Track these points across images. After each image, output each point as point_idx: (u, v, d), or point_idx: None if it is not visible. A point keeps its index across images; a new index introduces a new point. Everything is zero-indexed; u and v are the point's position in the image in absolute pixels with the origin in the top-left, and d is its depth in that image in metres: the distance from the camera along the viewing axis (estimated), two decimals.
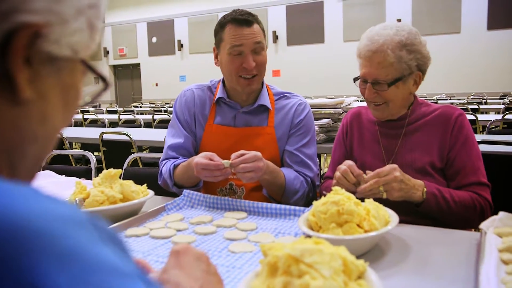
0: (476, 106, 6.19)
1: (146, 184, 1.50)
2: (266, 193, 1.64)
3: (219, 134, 1.70)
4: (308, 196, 1.70)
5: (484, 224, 1.12)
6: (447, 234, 1.22)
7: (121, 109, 9.54)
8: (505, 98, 8.67)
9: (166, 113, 6.86)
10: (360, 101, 3.63)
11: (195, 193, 1.53)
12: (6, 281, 0.29)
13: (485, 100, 8.27)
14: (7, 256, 0.30)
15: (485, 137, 3.03)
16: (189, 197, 1.52)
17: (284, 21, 14.12)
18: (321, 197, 1.13)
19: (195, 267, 0.68)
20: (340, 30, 13.31)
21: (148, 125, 5.79)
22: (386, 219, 1.11)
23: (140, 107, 10.84)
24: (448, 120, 1.48)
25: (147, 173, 2.20)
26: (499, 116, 4.73)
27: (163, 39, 16.25)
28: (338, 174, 1.33)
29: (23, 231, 0.31)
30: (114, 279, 0.33)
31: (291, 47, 14.12)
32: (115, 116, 6.81)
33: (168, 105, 10.22)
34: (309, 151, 1.71)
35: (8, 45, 0.39)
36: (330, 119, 2.85)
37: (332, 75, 12.98)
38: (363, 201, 1.12)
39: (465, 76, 11.94)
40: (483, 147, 2.29)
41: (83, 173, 2.27)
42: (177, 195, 1.61)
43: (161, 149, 1.84)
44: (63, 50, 0.44)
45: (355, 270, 0.74)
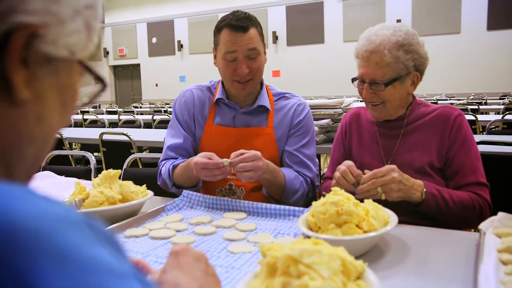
0: (476, 107, 6.19)
1: (145, 185, 1.50)
2: (266, 192, 1.64)
3: (219, 134, 1.70)
4: (308, 196, 1.70)
5: (483, 225, 1.12)
6: (446, 235, 1.22)
7: (121, 109, 9.54)
8: (505, 98, 8.68)
9: (166, 114, 6.86)
10: (359, 102, 3.62)
11: (195, 193, 1.53)
12: (2, 281, 0.29)
13: (485, 101, 8.28)
14: (3, 256, 0.30)
15: (485, 137, 3.03)
16: (188, 198, 1.52)
17: (284, 22, 14.12)
18: (320, 198, 1.13)
19: (194, 268, 0.68)
20: (340, 31, 13.32)
21: (148, 125, 5.79)
22: (385, 219, 1.11)
23: (140, 107, 10.85)
24: (446, 120, 1.48)
25: (147, 174, 2.20)
26: (499, 117, 4.74)
27: (163, 39, 16.26)
28: (337, 174, 1.33)
29: (19, 231, 0.31)
30: (110, 279, 0.33)
31: (291, 48, 14.12)
32: (115, 117, 6.81)
33: (168, 105, 10.22)
34: (309, 152, 1.71)
35: (5, 45, 0.39)
36: (329, 119, 2.85)
37: (332, 75, 12.98)
38: (362, 202, 1.12)
39: (465, 77, 11.94)
40: (483, 148, 2.29)
41: (83, 174, 2.27)
42: (176, 196, 1.61)
43: (161, 149, 1.84)
44: (60, 50, 0.44)
45: (354, 270, 0.74)
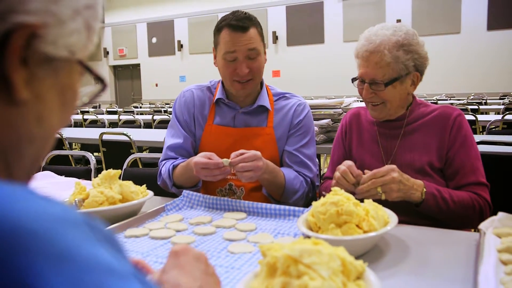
0: (476, 107, 6.19)
1: (145, 185, 1.50)
2: (266, 192, 1.64)
3: (219, 134, 1.70)
4: (308, 196, 1.70)
5: (483, 225, 1.12)
6: (446, 235, 1.22)
7: (121, 109, 9.55)
8: (505, 98, 8.68)
9: (166, 114, 6.86)
10: (359, 102, 3.62)
11: (195, 193, 1.53)
12: (2, 281, 0.29)
13: (485, 101, 8.28)
14: (3, 256, 0.30)
15: (485, 137, 3.03)
16: (188, 198, 1.52)
17: (284, 22, 14.13)
18: (320, 198, 1.13)
19: (194, 267, 0.68)
20: (340, 31, 13.32)
21: (148, 125, 5.79)
22: (385, 219, 1.11)
23: (140, 107, 10.85)
24: (446, 120, 1.48)
25: (147, 174, 2.20)
26: (499, 117, 4.74)
27: (163, 39, 16.26)
28: (337, 174, 1.33)
29: (18, 231, 0.31)
30: (110, 279, 0.33)
31: (291, 48, 14.12)
32: (115, 117, 6.81)
33: (168, 105, 10.22)
34: (309, 152, 1.71)
35: (5, 45, 0.39)
36: (329, 119, 2.85)
37: (332, 75, 12.98)
38: (362, 202, 1.12)
39: (465, 77, 11.95)
40: (483, 148, 2.29)
41: (83, 174, 2.27)
42: (176, 196, 1.61)
43: (161, 149, 1.84)
44: (60, 50, 0.44)
45: (353, 270, 0.74)
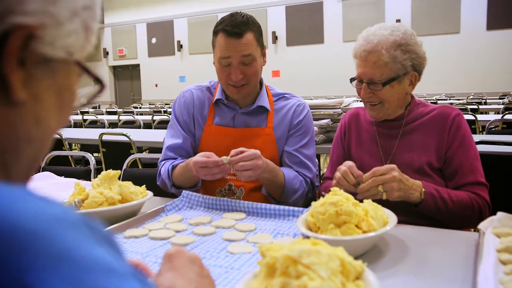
0: (475, 106, 6.19)
1: (145, 185, 1.50)
2: (266, 192, 1.64)
3: (218, 134, 1.70)
4: (307, 196, 1.70)
5: (482, 225, 1.12)
6: (445, 235, 1.22)
7: (121, 110, 9.54)
8: (504, 98, 8.68)
9: (165, 114, 6.86)
10: (359, 102, 3.62)
11: (194, 194, 1.53)
12: (2, 281, 0.29)
13: (484, 100, 8.28)
14: (2, 257, 0.30)
15: (484, 137, 3.04)
16: (188, 198, 1.52)
17: (284, 22, 14.13)
18: (320, 198, 1.13)
19: (188, 270, 0.68)
20: (339, 31, 13.32)
21: (147, 126, 5.79)
22: (384, 219, 1.11)
23: (140, 107, 10.85)
24: (445, 120, 1.48)
25: (147, 174, 2.20)
26: (499, 116, 4.74)
27: (162, 39, 16.26)
28: (338, 174, 1.33)
29: (17, 231, 0.31)
30: (108, 279, 0.33)
31: (291, 48, 14.13)
32: (114, 117, 6.81)
33: (167, 105, 10.23)
34: (308, 152, 1.71)
35: (2, 46, 0.39)
36: (329, 119, 2.85)
37: (332, 75, 12.98)
38: (361, 202, 1.12)
39: (465, 76, 11.95)
40: (483, 147, 2.29)
41: (83, 174, 2.27)
42: (176, 196, 1.61)
43: (160, 150, 1.84)
44: (58, 51, 0.44)
45: (353, 271, 0.74)
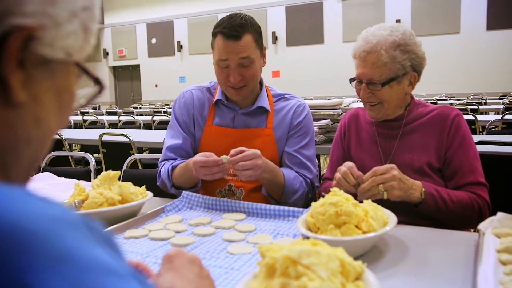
0: (475, 107, 6.19)
1: (145, 186, 1.50)
2: (266, 192, 1.64)
3: (218, 135, 1.70)
4: (307, 197, 1.70)
5: (482, 225, 1.12)
6: (445, 235, 1.22)
7: (121, 110, 9.55)
8: (504, 98, 8.69)
9: (165, 114, 6.86)
10: (359, 102, 3.62)
11: (194, 194, 1.53)
12: (1, 281, 0.29)
13: (484, 101, 8.28)
14: (2, 257, 0.30)
15: (484, 137, 3.03)
16: (188, 199, 1.52)
17: (284, 22, 14.13)
18: (320, 198, 1.13)
19: (188, 271, 0.68)
20: (339, 31, 13.33)
21: (147, 126, 5.79)
22: (384, 220, 1.11)
23: (140, 108, 10.86)
24: (445, 120, 1.48)
25: (146, 175, 2.20)
26: (499, 117, 4.74)
27: (162, 40, 16.27)
28: (338, 175, 1.33)
29: (17, 232, 0.31)
30: (108, 279, 0.33)
31: (291, 48, 14.13)
32: (114, 118, 6.81)
33: (167, 106, 10.23)
34: (308, 153, 1.71)
35: (2, 48, 0.39)
36: (329, 120, 2.85)
37: (332, 75, 12.99)
38: (361, 203, 1.12)
39: (465, 77, 11.96)
40: (483, 148, 2.29)
41: (83, 175, 2.27)
42: (176, 197, 1.61)
43: (160, 150, 1.84)
44: (57, 53, 0.44)
45: (352, 271, 0.74)
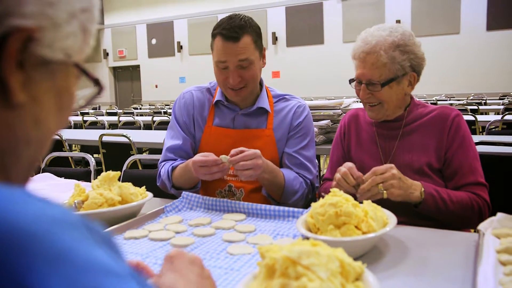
0: (475, 107, 6.19)
1: (145, 186, 1.50)
2: (266, 193, 1.64)
3: (218, 135, 1.70)
4: (307, 197, 1.70)
5: (482, 225, 1.12)
6: (445, 235, 1.22)
7: (121, 111, 9.55)
8: (504, 98, 8.69)
9: (165, 115, 6.86)
10: (359, 102, 3.62)
11: (194, 195, 1.53)
12: (0, 282, 0.29)
13: (484, 101, 8.28)
14: (0, 258, 0.30)
15: (484, 137, 3.03)
16: (188, 199, 1.52)
17: (284, 22, 14.13)
18: (319, 199, 1.13)
19: (189, 271, 0.68)
20: (339, 31, 13.33)
21: (147, 127, 5.79)
22: (384, 220, 1.11)
23: (140, 108, 10.86)
24: (445, 120, 1.48)
25: (146, 175, 2.20)
26: (499, 117, 4.74)
27: (162, 40, 16.27)
28: (338, 175, 1.33)
29: (17, 233, 0.31)
30: (107, 280, 0.33)
31: (291, 48, 14.13)
32: (114, 118, 6.82)
33: (167, 106, 10.23)
34: (308, 153, 1.71)
35: (1, 49, 0.39)
36: (329, 120, 2.85)
37: (332, 76, 12.99)
38: (361, 203, 1.12)
39: (465, 77, 11.96)
40: (483, 148, 2.29)
41: (83, 175, 2.27)
42: (176, 197, 1.61)
43: (160, 151, 1.84)
44: (56, 54, 0.44)
45: (352, 272, 0.74)
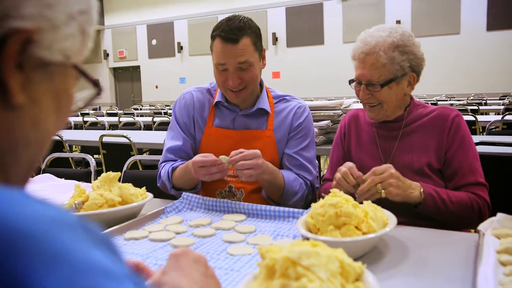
0: (475, 107, 6.19)
1: (145, 187, 1.51)
2: (265, 194, 1.64)
3: (218, 136, 1.70)
4: (307, 198, 1.70)
5: (482, 226, 1.12)
6: (445, 236, 1.22)
7: (121, 111, 9.56)
8: (504, 99, 8.68)
9: (166, 116, 6.87)
10: (359, 103, 3.63)
11: (194, 195, 1.53)
12: None
13: (484, 101, 8.28)
14: None
15: (484, 138, 3.03)
16: (188, 200, 1.52)
17: (284, 23, 14.14)
18: (320, 199, 1.13)
19: (194, 270, 0.68)
20: (339, 32, 13.33)
21: (148, 127, 5.79)
22: (384, 221, 1.11)
23: (140, 109, 10.86)
24: (445, 121, 1.48)
25: (147, 176, 2.20)
26: (499, 117, 4.74)
27: (163, 41, 16.28)
28: (338, 175, 1.34)
29: (15, 234, 0.31)
30: (104, 281, 0.33)
31: (291, 49, 14.13)
32: (115, 119, 6.82)
33: (168, 107, 10.24)
34: (309, 154, 1.70)
35: (0, 51, 0.39)
36: (329, 120, 2.85)
37: (332, 76, 12.99)
38: (361, 204, 1.12)
39: (465, 77, 11.96)
40: (483, 148, 2.29)
41: (83, 176, 2.28)
42: (176, 198, 1.61)
43: (160, 151, 1.84)
44: (55, 55, 0.44)
45: (352, 272, 0.74)
